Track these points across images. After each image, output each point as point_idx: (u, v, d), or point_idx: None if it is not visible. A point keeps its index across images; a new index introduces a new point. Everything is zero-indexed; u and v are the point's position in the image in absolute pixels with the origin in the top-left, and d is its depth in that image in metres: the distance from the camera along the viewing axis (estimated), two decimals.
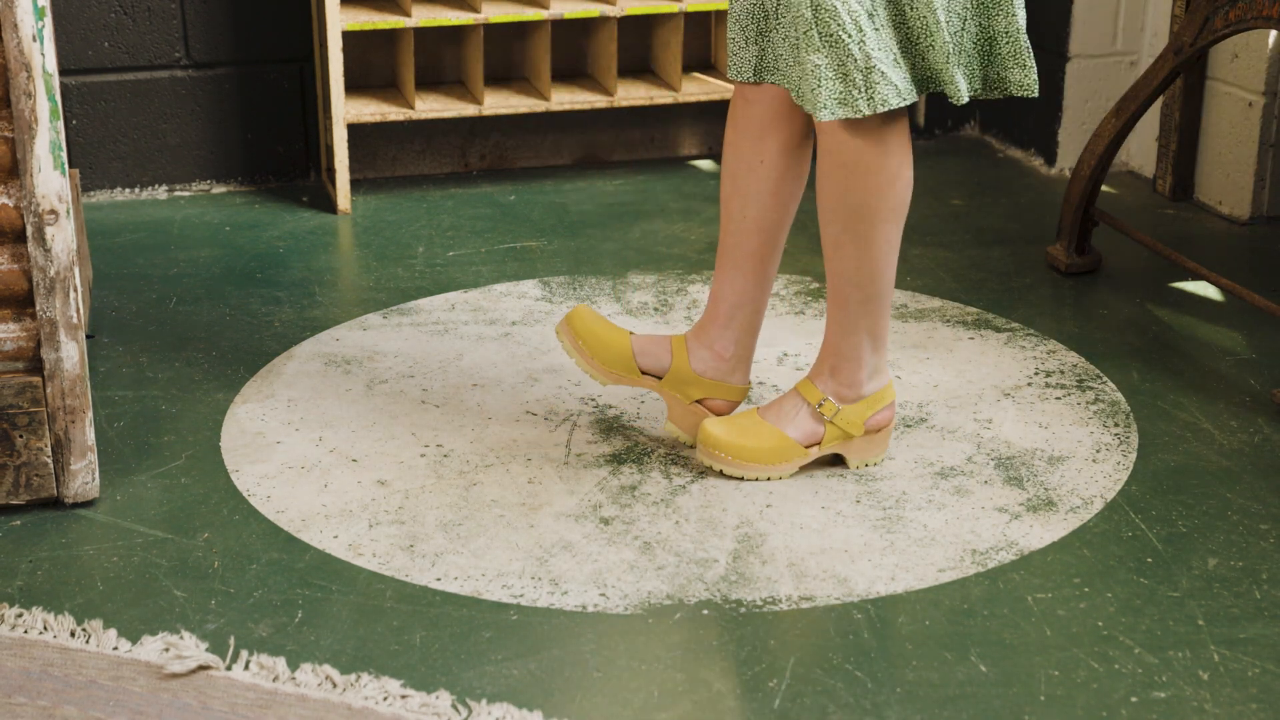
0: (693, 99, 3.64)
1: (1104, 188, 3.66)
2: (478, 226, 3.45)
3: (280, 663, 1.92)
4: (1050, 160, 3.83)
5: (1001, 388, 2.67)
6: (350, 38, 3.61)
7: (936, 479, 2.37)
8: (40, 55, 2.10)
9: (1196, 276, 2.94)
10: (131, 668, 1.91)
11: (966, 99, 2.19)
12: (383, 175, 3.78)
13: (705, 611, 2.04)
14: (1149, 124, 3.70)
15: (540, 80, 3.61)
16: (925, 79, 2.19)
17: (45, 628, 1.99)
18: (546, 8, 3.50)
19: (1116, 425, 2.54)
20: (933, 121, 4.09)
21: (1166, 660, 1.94)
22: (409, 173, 3.79)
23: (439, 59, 3.70)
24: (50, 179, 2.14)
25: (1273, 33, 3.33)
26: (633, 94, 3.63)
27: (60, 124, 2.14)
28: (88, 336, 2.81)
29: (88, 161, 3.58)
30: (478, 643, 1.98)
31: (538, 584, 2.10)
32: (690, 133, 3.92)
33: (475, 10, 3.49)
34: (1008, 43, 2.21)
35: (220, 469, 2.41)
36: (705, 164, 3.88)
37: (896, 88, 2.13)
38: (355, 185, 3.70)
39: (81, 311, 2.23)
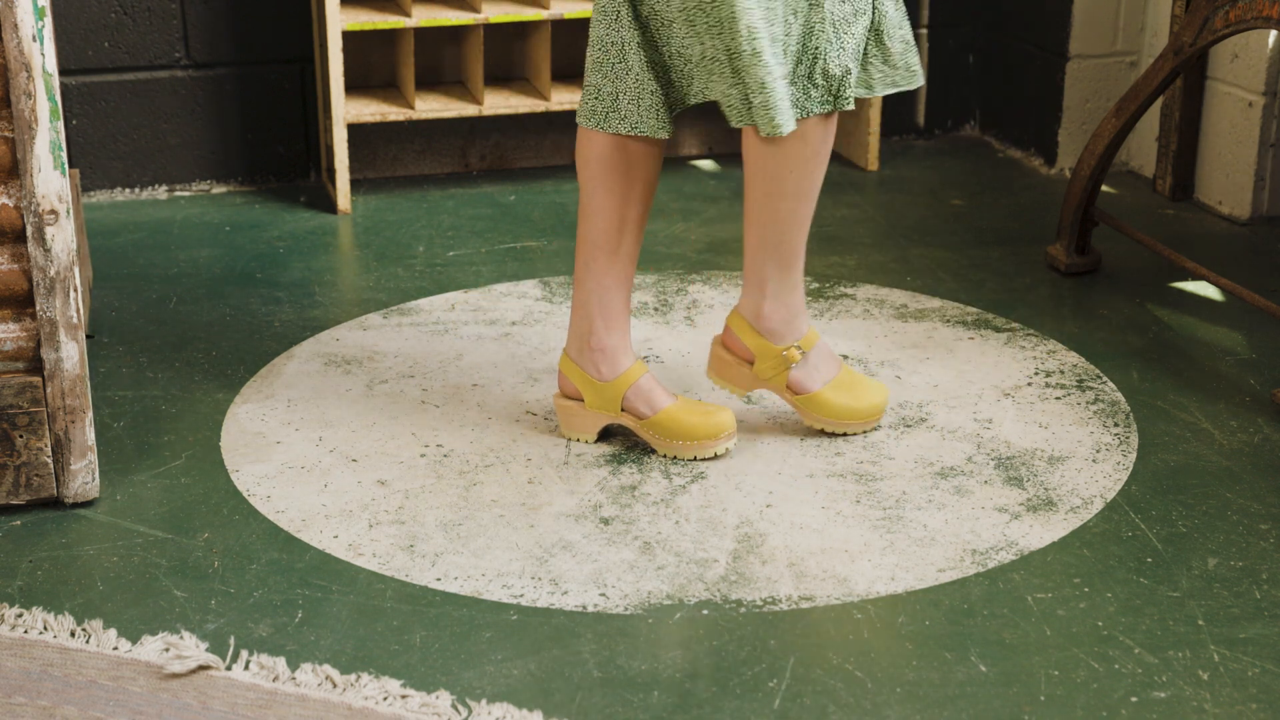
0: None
1: (1104, 188, 3.66)
2: (478, 226, 3.45)
3: (280, 663, 1.92)
4: (1050, 160, 3.83)
5: (1001, 388, 2.67)
6: (350, 38, 3.62)
7: (936, 479, 2.37)
8: (40, 55, 2.10)
9: (1196, 276, 2.94)
10: (131, 668, 1.91)
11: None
12: (383, 175, 3.78)
13: (705, 611, 2.04)
14: (1149, 124, 3.70)
15: (540, 80, 3.61)
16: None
17: (45, 628, 1.99)
18: (546, 8, 3.50)
19: (1116, 425, 2.54)
20: (933, 121, 4.09)
21: (1166, 660, 1.94)
22: (409, 173, 3.79)
23: (439, 59, 3.70)
24: (50, 179, 2.14)
25: (1273, 33, 3.34)
26: None
27: (60, 124, 2.14)
28: (88, 336, 2.81)
29: (88, 161, 3.58)
30: (478, 643, 1.98)
31: (538, 584, 2.10)
32: (690, 133, 3.92)
33: (475, 10, 3.50)
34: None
35: (220, 469, 2.41)
36: (705, 164, 3.88)
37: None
38: (355, 185, 3.71)
39: (81, 311, 2.23)
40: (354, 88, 3.67)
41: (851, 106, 2.31)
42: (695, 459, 2.41)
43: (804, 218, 2.38)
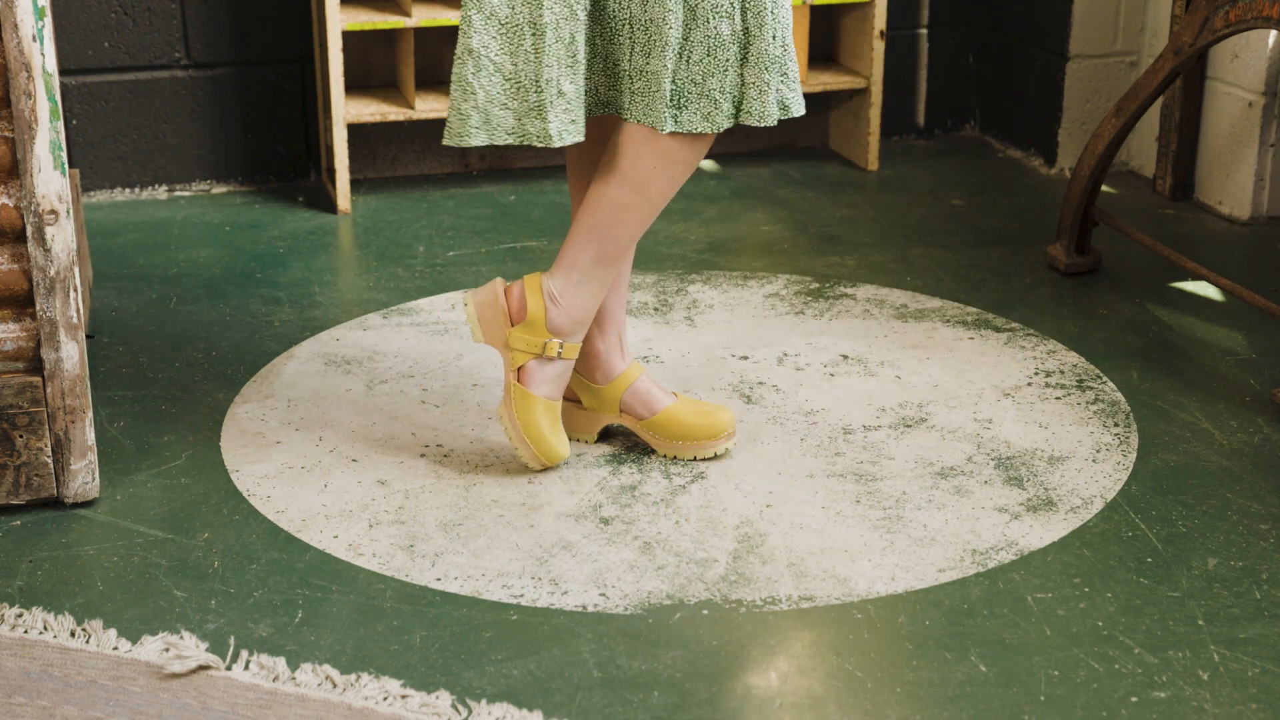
0: None
1: (1104, 188, 3.66)
2: (478, 226, 3.45)
3: (280, 663, 1.92)
4: (1050, 160, 3.83)
5: (1001, 388, 2.67)
6: (350, 38, 3.62)
7: (936, 479, 2.37)
8: (40, 55, 2.10)
9: (1196, 276, 2.94)
10: (131, 668, 1.91)
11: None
12: (383, 175, 3.78)
13: (705, 611, 2.04)
14: (1149, 124, 3.70)
15: None
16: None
17: (45, 628, 1.99)
18: None
19: (1116, 425, 2.54)
20: (933, 121, 4.09)
21: (1166, 660, 1.94)
22: (409, 173, 3.79)
23: (439, 59, 3.70)
24: (50, 179, 2.14)
25: (1273, 33, 3.34)
26: None
27: (60, 124, 2.14)
28: (88, 336, 2.81)
29: (88, 161, 3.58)
30: (478, 643, 1.98)
31: (538, 584, 2.10)
32: None
33: None
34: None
35: (220, 469, 2.41)
36: (705, 164, 3.88)
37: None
38: (355, 185, 3.71)
39: (81, 311, 2.23)
40: (354, 88, 3.67)
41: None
42: (695, 459, 2.41)
43: (642, 220, 2.29)
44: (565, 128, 2.19)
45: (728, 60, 2.19)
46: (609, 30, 2.22)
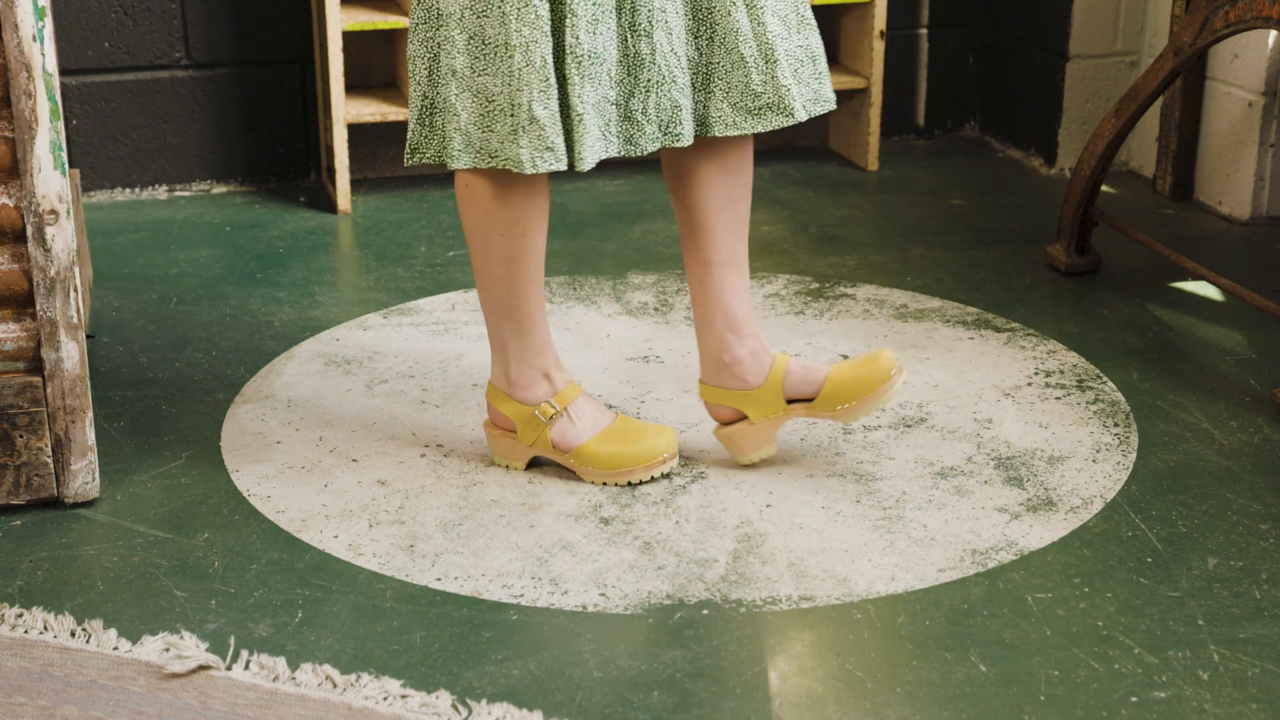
0: None
1: (1104, 188, 3.66)
2: None
3: (280, 663, 1.92)
4: (1050, 160, 3.83)
5: (1001, 388, 2.67)
6: (350, 38, 3.62)
7: (936, 479, 2.37)
8: (40, 55, 2.10)
9: (1196, 276, 2.94)
10: (131, 668, 1.91)
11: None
12: (383, 175, 3.78)
13: (705, 611, 2.04)
14: (1149, 124, 3.70)
15: None
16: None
17: (45, 628, 1.99)
18: None
19: (1116, 425, 2.54)
20: (933, 121, 4.09)
21: (1166, 660, 1.94)
22: (409, 173, 3.79)
23: None
24: (50, 179, 2.14)
25: (1273, 33, 3.34)
26: None
27: (60, 124, 2.14)
28: (88, 336, 2.81)
29: (88, 161, 3.58)
30: (478, 643, 1.98)
31: (538, 584, 2.10)
32: None
33: None
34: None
35: (220, 469, 2.41)
36: None
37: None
38: (355, 185, 3.71)
39: (81, 311, 2.23)
40: (354, 88, 3.67)
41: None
42: (882, 409, 2.46)
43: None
44: (539, 154, 2.11)
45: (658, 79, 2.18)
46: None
